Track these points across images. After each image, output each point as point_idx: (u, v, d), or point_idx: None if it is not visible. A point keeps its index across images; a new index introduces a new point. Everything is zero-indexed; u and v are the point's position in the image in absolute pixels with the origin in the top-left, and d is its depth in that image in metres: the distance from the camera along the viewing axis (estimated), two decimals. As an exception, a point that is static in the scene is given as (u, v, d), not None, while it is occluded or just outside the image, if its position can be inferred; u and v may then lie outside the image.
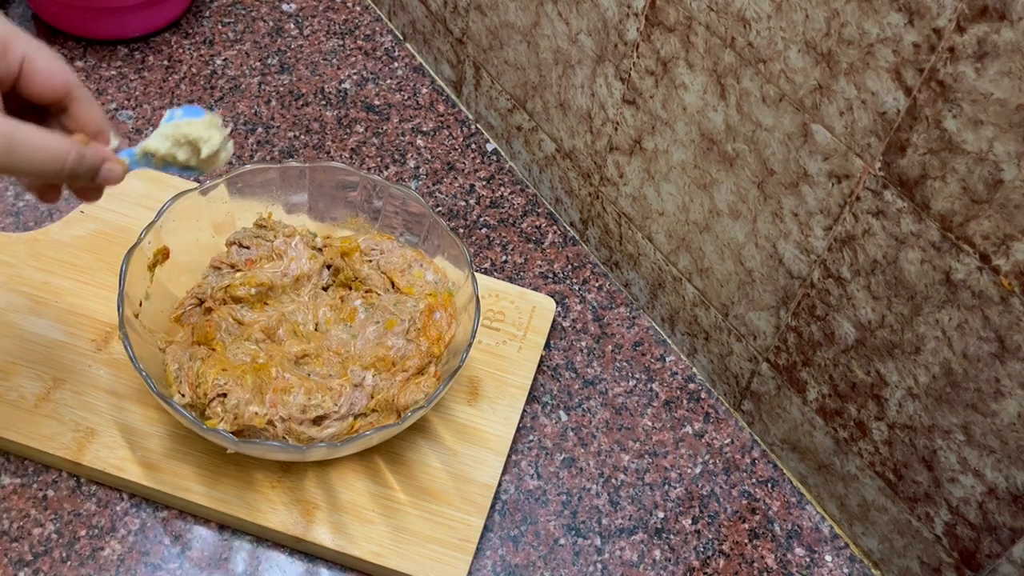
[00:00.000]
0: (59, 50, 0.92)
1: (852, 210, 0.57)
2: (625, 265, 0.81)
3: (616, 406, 0.75)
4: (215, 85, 0.92)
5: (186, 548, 0.64)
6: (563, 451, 0.72)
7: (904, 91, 0.51)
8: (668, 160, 0.70)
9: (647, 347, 0.79)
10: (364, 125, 0.91)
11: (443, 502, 0.66)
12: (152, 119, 0.88)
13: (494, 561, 0.66)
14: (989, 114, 0.47)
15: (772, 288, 0.66)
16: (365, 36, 0.99)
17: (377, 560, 0.63)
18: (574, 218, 0.85)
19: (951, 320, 0.54)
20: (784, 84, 0.58)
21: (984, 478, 0.57)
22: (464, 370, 0.73)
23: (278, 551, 0.65)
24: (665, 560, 0.67)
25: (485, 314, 0.76)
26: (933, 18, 0.48)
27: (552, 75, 0.78)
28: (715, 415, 0.75)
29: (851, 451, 0.66)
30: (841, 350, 0.63)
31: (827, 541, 0.70)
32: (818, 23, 0.54)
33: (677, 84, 0.66)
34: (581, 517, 0.69)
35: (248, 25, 0.98)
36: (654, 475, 0.72)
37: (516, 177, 0.89)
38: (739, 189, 0.65)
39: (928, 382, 0.58)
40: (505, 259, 0.83)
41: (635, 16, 0.67)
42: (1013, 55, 0.45)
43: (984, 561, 0.59)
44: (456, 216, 0.85)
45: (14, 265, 0.73)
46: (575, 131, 0.79)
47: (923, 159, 0.52)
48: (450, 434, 0.69)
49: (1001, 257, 0.50)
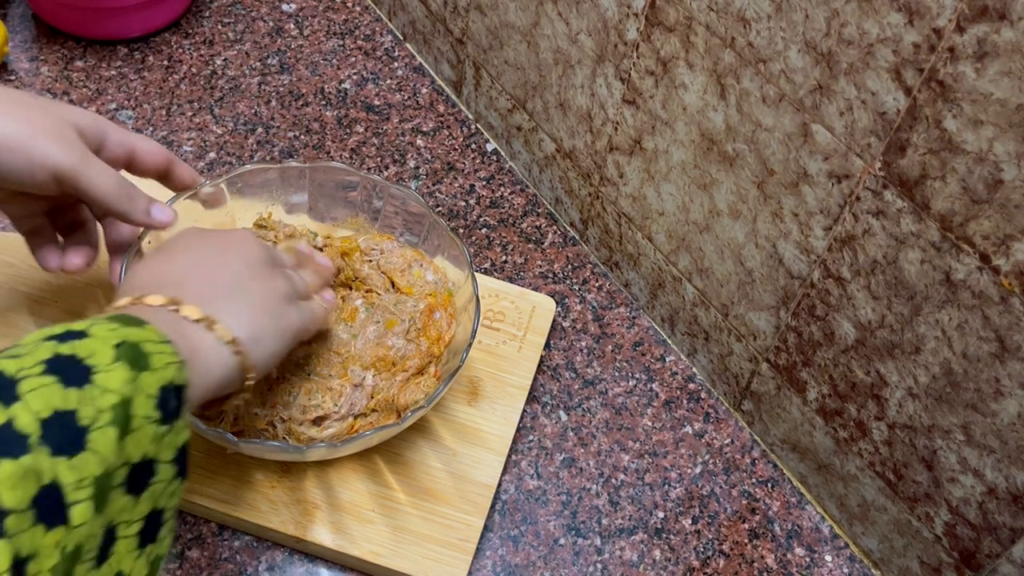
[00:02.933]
0: (59, 50, 0.92)
1: (852, 210, 0.57)
2: (625, 265, 0.81)
3: (616, 406, 0.75)
4: (215, 85, 0.92)
5: (186, 548, 0.64)
6: (563, 451, 0.72)
7: (904, 91, 0.51)
8: (668, 160, 0.70)
9: (647, 347, 0.79)
10: (364, 125, 0.91)
11: (443, 502, 0.66)
12: (152, 119, 0.88)
13: (494, 561, 0.66)
14: (989, 114, 0.47)
15: (772, 288, 0.66)
16: (365, 36, 0.99)
17: (377, 560, 0.63)
18: (574, 218, 0.85)
19: (951, 320, 0.54)
20: (784, 84, 0.58)
21: (984, 478, 0.57)
22: (464, 370, 0.73)
23: (278, 551, 0.65)
24: (665, 560, 0.67)
25: (485, 314, 0.76)
26: (933, 18, 0.48)
27: (552, 75, 0.78)
28: (715, 415, 0.75)
29: (851, 451, 0.66)
30: (841, 350, 0.63)
31: (827, 541, 0.70)
32: (818, 23, 0.54)
33: (677, 84, 0.66)
34: (581, 517, 0.69)
35: (248, 25, 0.98)
36: (654, 475, 0.72)
37: (516, 177, 0.89)
38: (739, 189, 0.65)
39: (928, 382, 0.58)
40: (505, 259, 0.83)
41: (635, 16, 0.67)
42: (1013, 55, 0.45)
43: (984, 561, 0.59)
44: (456, 216, 0.85)
45: (15, 265, 0.73)
46: (575, 131, 0.79)
47: (923, 159, 0.52)
48: (450, 434, 0.69)
49: (1001, 257, 0.50)
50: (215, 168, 0.85)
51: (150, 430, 0.42)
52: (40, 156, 0.53)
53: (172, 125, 0.88)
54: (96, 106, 0.88)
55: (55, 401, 0.39)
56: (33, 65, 0.91)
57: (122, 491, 0.41)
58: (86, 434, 0.39)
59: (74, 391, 0.40)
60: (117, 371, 0.42)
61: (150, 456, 0.43)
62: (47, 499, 0.37)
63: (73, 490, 0.38)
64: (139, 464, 0.42)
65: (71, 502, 0.38)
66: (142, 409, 0.42)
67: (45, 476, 0.37)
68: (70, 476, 0.38)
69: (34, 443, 0.38)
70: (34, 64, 0.91)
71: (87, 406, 0.40)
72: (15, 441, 0.37)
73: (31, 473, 0.37)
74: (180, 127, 0.88)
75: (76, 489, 0.38)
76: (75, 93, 0.89)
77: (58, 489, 0.38)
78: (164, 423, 0.43)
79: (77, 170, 0.54)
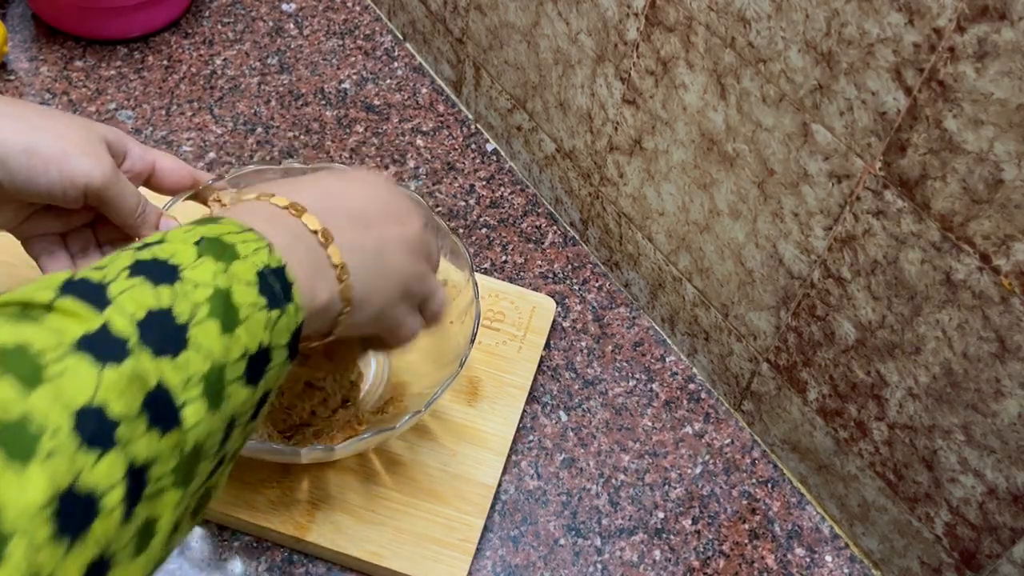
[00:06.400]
0: (59, 50, 0.92)
1: (852, 210, 0.57)
2: (625, 265, 0.81)
3: (616, 406, 0.75)
4: (215, 85, 0.92)
5: (185, 548, 0.64)
6: (563, 451, 0.72)
7: (904, 91, 0.51)
8: (668, 160, 0.70)
9: (647, 347, 0.79)
10: (364, 125, 0.91)
11: (443, 502, 0.66)
12: (152, 119, 0.88)
13: (494, 561, 0.66)
14: (989, 114, 0.47)
15: (772, 288, 0.66)
16: (365, 36, 0.99)
17: (377, 560, 0.63)
18: (574, 218, 0.85)
19: (951, 320, 0.54)
20: (784, 84, 0.58)
21: (984, 478, 0.57)
22: (464, 370, 0.72)
23: (278, 551, 0.65)
24: (665, 560, 0.67)
25: (485, 314, 0.76)
26: (933, 18, 0.48)
27: (552, 75, 0.78)
28: (715, 415, 0.75)
29: (851, 451, 0.66)
30: (841, 350, 0.63)
31: (827, 541, 0.70)
32: (818, 23, 0.54)
33: (677, 84, 0.66)
34: (581, 517, 0.69)
35: (248, 25, 0.98)
36: (654, 475, 0.71)
37: (516, 177, 0.89)
38: (739, 189, 0.65)
39: (928, 382, 0.58)
40: (505, 259, 0.83)
41: (635, 16, 0.67)
42: (1013, 55, 0.45)
43: (984, 561, 0.59)
44: (456, 216, 0.85)
45: (15, 265, 0.73)
46: (575, 131, 0.79)
47: (923, 159, 0.52)
48: (450, 434, 0.69)
49: (1001, 257, 0.50)
50: (215, 168, 0.85)
51: (260, 317, 0.41)
52: (72, 170, 0.53)
53: (172, 125, 0.88)
54: (96, 106, 0.88)
55: (148, 300, 0.38)
56: (33, 65, 0.91)
57: (241, 383, 0.40)
58: (186, 331, 0.38)
59: (165, 288, 0.39)
60: (204, 264, 0.40)
61: (266, 344, 0.41)
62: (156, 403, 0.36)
63: (182, 390, 0.37)
64: (256, 354, 0.41)
65: (182, 403, 0.37)
66: (245, 298, 0.41)
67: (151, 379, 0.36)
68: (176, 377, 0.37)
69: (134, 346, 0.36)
70: (33, 64, 0.91)
71: (182, 302, 0.39)
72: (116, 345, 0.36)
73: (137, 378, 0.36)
74: (180, 127, 0.88)
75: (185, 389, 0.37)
76: (74, 93, 0.89)
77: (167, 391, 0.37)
78: (273, 307, 0.42)
79: (107, 185, 0.55)
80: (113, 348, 0.36)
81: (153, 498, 0.36)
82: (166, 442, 0.36)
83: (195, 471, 0.38)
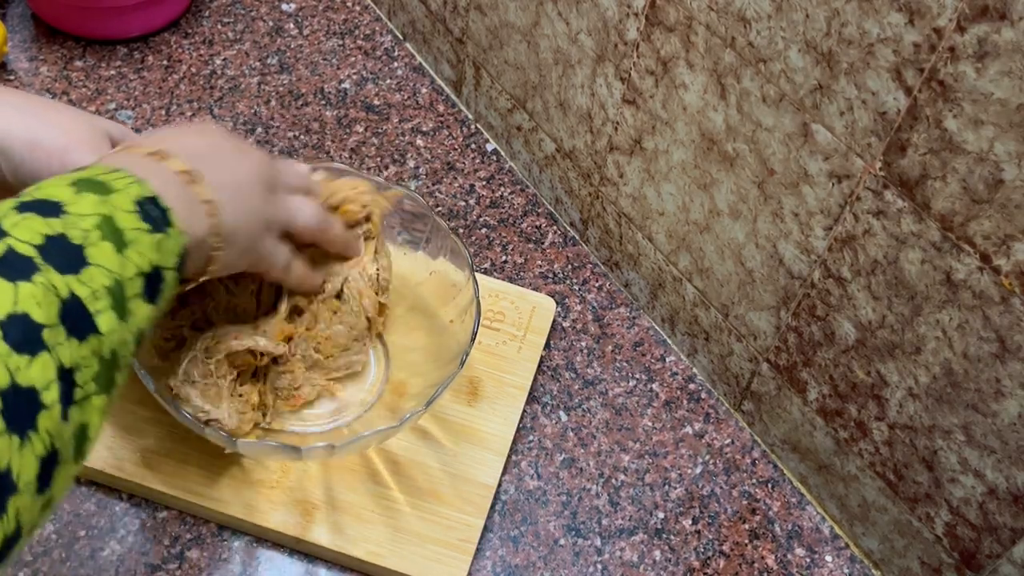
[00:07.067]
0: (58, 50, 0.92)
1: (852, 210, 0.57)
2: (625, 265, 0.81)
3: (616, 406, 0.75)
4: (215, 85, 0.92)
5: (186, 549, 0.64)
6: (563, 451, 0.72)
7: (904, 91, 0.51)
8: (668, 160, 0.70)
9: (647, 347, 0.79)
10: (364, 125, 0.91)
11: (443, 502, 0.66)
12: (152, 119, 0.88)
13: (494, 562, 0.66)
14: (989, 114, 0.47)
15: (772, 288, 0.66)
16: (365, 36, 0.99)
17: (376, 560, 0.63)
18: (574, 218, 0.85)
19: (952, 320, 0.54)
20: (784, 84, 0.58)
21: (985, 478, 0.56)
22: (464, 370, 0.72)
23: (277, 551, 0.65)
24: (665, 560, 0.67)
25: (485, 314, 0.76)
26: (933, 18, 0.48)
27: (552, 75, 0.78)
28: (715, 415, 0.75)
29: (851, 451, 0.66)
30: (841, 350, 0.63)
31: (827, 541, 0.70)
32: (818, 23, 0.54)
33: (677, 84, 0.66)
34: (581, 517, 0.69)
35: (248, 25, 0.98)
36: (654, 475, 0.71)
37: (516, 177, 0.89)
38: (739, 189, 0.65)
39: (929, 382, 0.58)
40: (505, 259, 0.83)
41: (635, 16, 0.67)
42: (1013, 55, 0.45)
43: (984, 561, 0.59)
44: (456, 216, 0.85)
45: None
46: (575, 131, 0.79)
47: (923, 159, 0.52)
48: (450, 434, 0.69)
49: (1002, 257, 0.50)
50: (215, 168, 0.85)
51: (146, 239, 0.45)
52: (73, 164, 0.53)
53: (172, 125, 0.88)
54: (95, 106, 0.88)
55: (42, 228, 0.41)
56: (32, 65, 0.91)
57: (143, 299, 0.44)
58: (83, 251, 0.41)
59: (55, 219, 0.42)
60: (85, 198, 0.43)
61: (156, 264, 0.45)
62: (72, 312, 0.39)
63: (91, 301, 0.40)
64: (151, 274, 0.44)
65: (94, 311, 0.40)
66: (127, 222, 0.44)
67: (62, 291, 0.39)
68: (84, 290, 0.40)
69: (40, 263, 0.39)
70: (33, 64, 0.91)
71: (72, 229, 0.42)
72: (22, 263, 0.39)
73: (50, 289, 0.39)
74: (180, 127, 0.88)
75: (94, 300, 0.41)
76: (74, 93, 0.89)
77: (79, 301, 0.40)
78: (157, 231, 0.45)
79: None
80: (21, 267, 0.39)
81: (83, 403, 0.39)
82: (87, 348, 0.39)
83: (115, 379, 0.41)
